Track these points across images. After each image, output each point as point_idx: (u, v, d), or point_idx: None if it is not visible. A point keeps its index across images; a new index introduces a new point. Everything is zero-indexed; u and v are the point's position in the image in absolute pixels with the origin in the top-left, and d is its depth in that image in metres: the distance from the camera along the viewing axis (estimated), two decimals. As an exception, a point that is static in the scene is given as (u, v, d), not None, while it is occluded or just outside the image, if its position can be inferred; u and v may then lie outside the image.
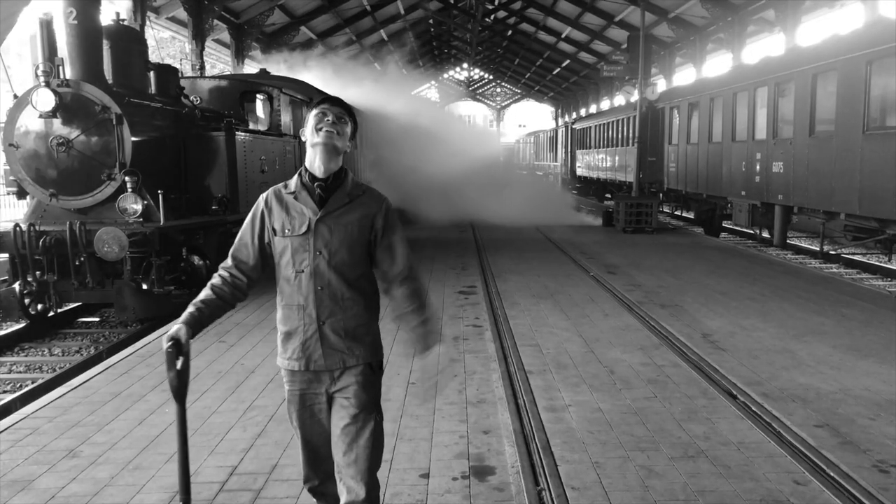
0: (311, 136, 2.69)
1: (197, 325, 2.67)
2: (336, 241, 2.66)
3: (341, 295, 2.68)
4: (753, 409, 4.81)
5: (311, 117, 2.72)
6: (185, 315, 2.68)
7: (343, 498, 2.72)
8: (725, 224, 17.69)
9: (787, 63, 13.26)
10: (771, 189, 13.38)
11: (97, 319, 9.48)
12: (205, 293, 2.76)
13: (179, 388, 2.62)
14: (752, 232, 15.97)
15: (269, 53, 22.30)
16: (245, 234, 2.79)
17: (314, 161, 2.71)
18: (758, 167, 13.92)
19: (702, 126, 17.17)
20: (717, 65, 25.72)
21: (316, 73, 19.82)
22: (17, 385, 6.99)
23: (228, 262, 2.81)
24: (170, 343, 2.56)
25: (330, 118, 2.69)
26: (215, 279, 2.79)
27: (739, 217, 14.99)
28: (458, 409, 4.84)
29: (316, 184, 2.71)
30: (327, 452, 2.79)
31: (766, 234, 14.84)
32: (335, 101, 2.76)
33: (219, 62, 24.49)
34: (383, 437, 2.80)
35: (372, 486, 2.72)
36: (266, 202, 2.77)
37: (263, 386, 5.37)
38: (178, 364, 2.57)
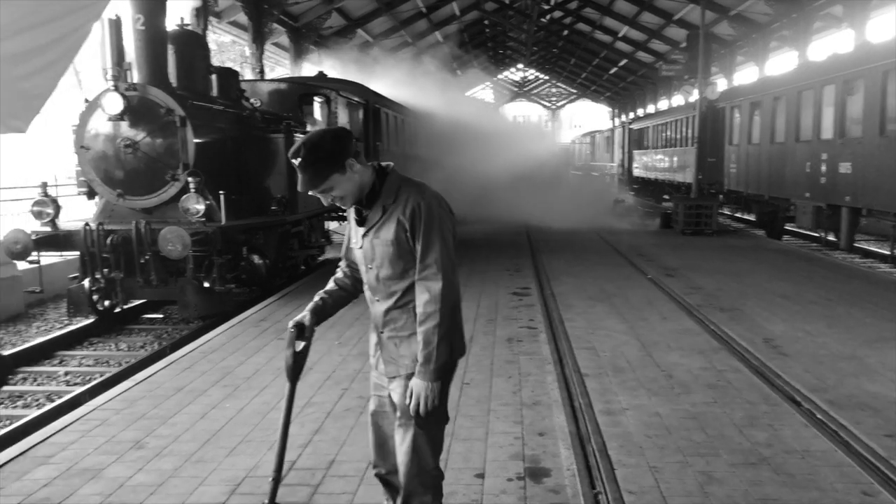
0: None
1: (321, 313, 2.87)
2: (378, 257, 2.70)
3: (391, 307, 2.73)
4: (819, 416, 4.67)
5: None
6: (311, 304, 2.86)
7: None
8: (788, 226, 17.17)
9: (857, 60, 12.81)
10: (837, 190, 12.94)
11: (161, 316, 9.77)
12: (329, 285, 2.95)
13: (294, 369, 2.82)
14: (816, 235, 15.48)
15: (327, 56, 22.62)
16: (347, 239, 2.94)
17: None
18: (823, 168, 13.47)
19: (764, 126, 16.72)
20: (780, 63, 25.02)
21: (372, 75, 20.02)
22: (87, 378, 7.26)
23: (343, 262, 2.98)
24: (293, 325, 2.78)
25: (326, 200, 2.66)
26: (338, 273, 2.99)
27: (803, 219, 14.55)
28: (513, 410, 4.83)
29: (354, 206, 2.74)
30: (392, 445, 2.84)
31: (831, 238, 14.36)
32: (307, 186, 2.58)
33: (278, 65, 24.94)
34: (427, 446, 2.74)
35: (413, 492, 2.73)
36: (350, 214, 2.86)
37: (321, 383, 5.45)
38: (297, 346, 2.79)
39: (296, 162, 2.53)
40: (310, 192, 2.60)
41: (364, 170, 2.64)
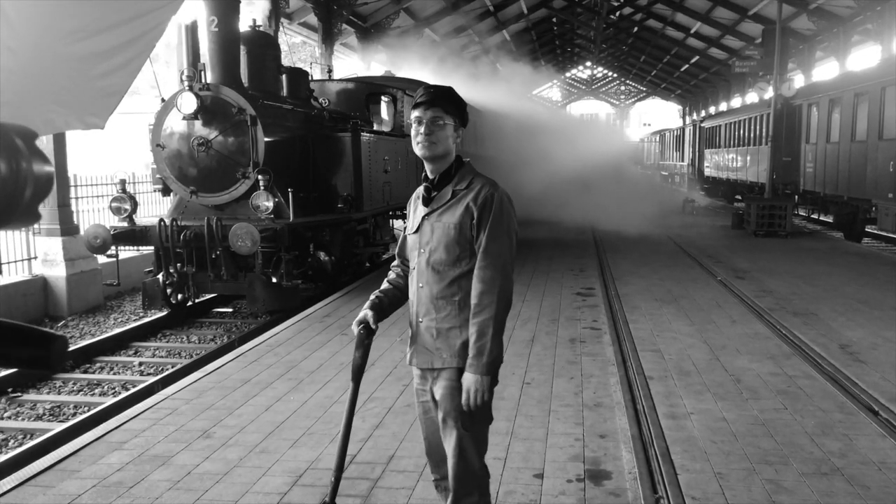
0: (413, 144, 2.70)
1: (379, 311, 2.84)
2: (435, 239, 2.68)
3: (437, 294, 2.68)
4: (897, 427, 4.46)
5: (412, 122, 2.68)
6: (369, 301, 2.85)
7: None
8: (869, 229, 16.46)
9: (945, 54, 12.16)
10: (923, 191, 12.33)
11: (230, 310, 10.04)
12: (384, 284, 2.94)
13: (360, 369, 2.79)
14: (899, 237, 14.79)
15: (394, 55, 22.82)
16: (402, 232, 2.95)
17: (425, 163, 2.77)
18: (908, 167, 12.86)
19: (844, 123, 16.05)
20: (862, 58, 23.96)
21: (439, 74, 20.11)
22: (159, 368, 7.52)
23: (397, 260, 2.97)
24: (361, 326, 2.76)
25: (423, 128, 2.64)
26: (391, 274, 2.97)
27: (885, 221, 13.89)
28: (574, 411, 4.77)
29: (424, 185, 2.77)
30: (443, 452, 2.81)
31: (916, 240, 13.69)
32: (431, 101, 2.65)
33: (346, 65, 25.30)
34: (473, 447, 2.71)
35: (461, 493, 2.73)
36: (409, 202, 2.89)
37: (382, 378, 5.50)
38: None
39: (431, 91, 2.65)
40: (428, 113, 2.63)
41: (456, 149, 2.74)
